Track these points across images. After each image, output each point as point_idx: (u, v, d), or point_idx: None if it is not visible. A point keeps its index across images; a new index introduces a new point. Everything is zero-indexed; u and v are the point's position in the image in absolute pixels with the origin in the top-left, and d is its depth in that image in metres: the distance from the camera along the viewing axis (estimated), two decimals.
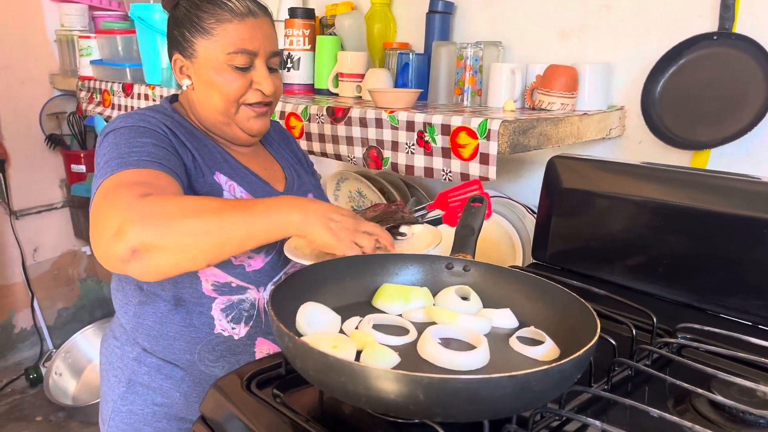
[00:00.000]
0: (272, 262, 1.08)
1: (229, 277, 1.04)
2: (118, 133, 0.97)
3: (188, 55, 1.06)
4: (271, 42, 1.07)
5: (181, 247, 0.81)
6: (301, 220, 0.86)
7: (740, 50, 1.29)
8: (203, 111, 1.08)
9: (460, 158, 1.25)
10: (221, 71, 1.03)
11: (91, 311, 3.07)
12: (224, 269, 1.04)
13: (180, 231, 0.81)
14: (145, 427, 1.06)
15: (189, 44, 1.05)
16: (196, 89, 1.07)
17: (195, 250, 0.82)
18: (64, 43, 2.56)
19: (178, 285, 1.04)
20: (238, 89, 1.04)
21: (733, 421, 0.72)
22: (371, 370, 0.59)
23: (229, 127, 1.08)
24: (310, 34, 1.78)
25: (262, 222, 0.85)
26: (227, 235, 0.83)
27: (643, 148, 1.46)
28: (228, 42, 1.02)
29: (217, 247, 0.83)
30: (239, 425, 0.75)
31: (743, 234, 0.96)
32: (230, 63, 1.03)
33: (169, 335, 1.05)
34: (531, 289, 0.86)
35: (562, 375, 0.62)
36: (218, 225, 0.82)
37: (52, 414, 2.57)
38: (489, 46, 1.57)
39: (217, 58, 1.03)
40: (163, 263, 0.82)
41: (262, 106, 1.08)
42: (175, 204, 0.84)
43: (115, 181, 0.88)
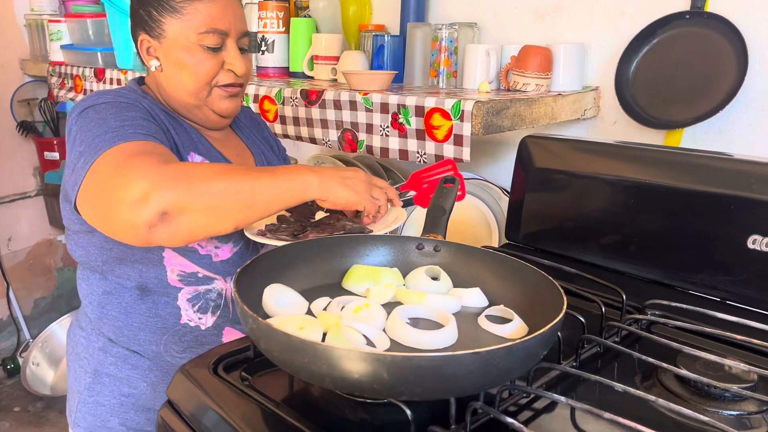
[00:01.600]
0: (240, 252, 1.06)
1: (196, 267, 1.02)
2: (99, 108, 0.93)
3: (156, 35, 1.02)
4: (242, 21, 1.04)
5: (212, 209, 0.80)
6: (320, 182, 0.87)
7: (712, 29, 1.29)
8: (173, 93, 1.05)
9: (435, 140, 1.24)
10: (192, 52, 1.00)
11: (69, 300, 3.03)
12: (191, 259, 1.01)
13: (211, 192, 0.80)
14: (112, 418, 1.05)
15: (157, 23, 1.01)
16: (165, 71, 1.03)
17: (225, 211, 0.81)
18: (34, 27, 2.50)
19: (143, 274, 1.02)
20: (210, 70, 1.02)
21: (699, 394, 0.73)
22: (334, 349, 0.58)
23: (199, 109, 1.06)
24: (284, 16, 1.76)
25: (288, 184, 0.85)
26: (256, 196, 0.82)
27: (618, 129, 1.46)
28: (199, 21, 0.99)
29: (246, 208, 0.83)
30: (207, 410, 0.75)
31: (712, 211, 0.96)
32: (201, 43, 1.00)
33: (134, 326, 1.03)
34: (500, 268, 0.86)
35: (526, 352, 0.62)
36: (249, 186, 0.82)
37: (30, 404, 2.55)
38: (464, 28, 1.55)
39: (187, 38, 1.00)
40: (193, 226, 0.81)
41: (234, 87, 1.06)
42: (202, 167, 0.84)
43: (122, 152, 0.84)
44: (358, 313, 0.75)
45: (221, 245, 1.03)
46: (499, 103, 1.20)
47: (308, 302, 0.82)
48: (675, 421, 0.69)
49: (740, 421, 0.70)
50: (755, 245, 0.92)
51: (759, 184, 0.92)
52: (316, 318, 0.77)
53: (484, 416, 0.67)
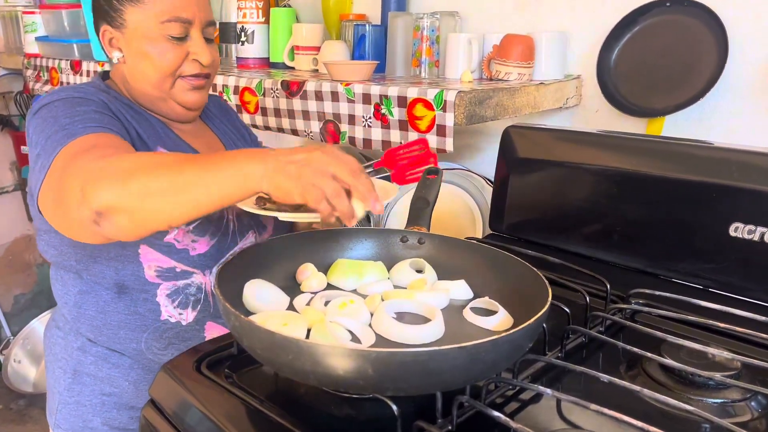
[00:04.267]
0: (218, 244, 1.03)
1: (173, 262, 1.00)
2: (52, 106, 0.91)
3: (117, 25, 0.98)
4: (206, 11, 1.01)
5: (145, 207, 0.74)
6: (264, 172, 0.70)
7: (693, 17, 1.29)
8: (136, 85, 1.01)
9: (417, 130, 1.23)
10: (154, 42, 0.97)
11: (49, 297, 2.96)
12: (167, 254, 0.99)
13: (141, 190, 0.73)
14: (95, 417, 1.03)
15: (117, 13, 0.97)
16: (128, 62, 1.00)
17: (158, 209, 0.74)
18: (8, 19, 2.44)
19: (119, 272, 0.99)
20: (173, 61, 0.98)
21: (683, 383, 0.73)
22: (318, 346, 0.58)
23: (164, 102, 1.02)
24: (264, 6, 1.73)
25: (217, 176, 0.72)
26: (184, 194, 0.73)
27: (600, 117, 1.46)
28: (160, 9, 0.95)
29: (180, 206, 0.74)
30: (190, 408, 0.74)
31: (694, 199, 0.97)
32: (164, 32, 0.96)
33: (113, 324, 1.01)
34: (485, 259, 0.86)
35: (512, 345, 0.62)
36: (172, 184, 0.73)
37: (13, 402, 2.52)
38: (446, 17, 1.54)
39: (149, 28, 0.96)
40: (129, 225, 0.75)
41: (200, 78, 1.02)
42: (131, 160, 0.77)
43: (69, 152, 0.82)
44: (343, 309, 0.75)
45: (198, 239, 1.00)
46: (481, 93, 1.19)
47: (290, 297, 0.81)
48: (660, 410, 0.69)
49: (724, 408, 0.71)
50: (737, 233, 0.92)
51: (740, 171, 0.92)
52: (300, 314, 0.76)
53: (471, 409, 0.67)
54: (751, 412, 0.70)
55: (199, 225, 1.00)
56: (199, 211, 0.75)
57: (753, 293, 0.92)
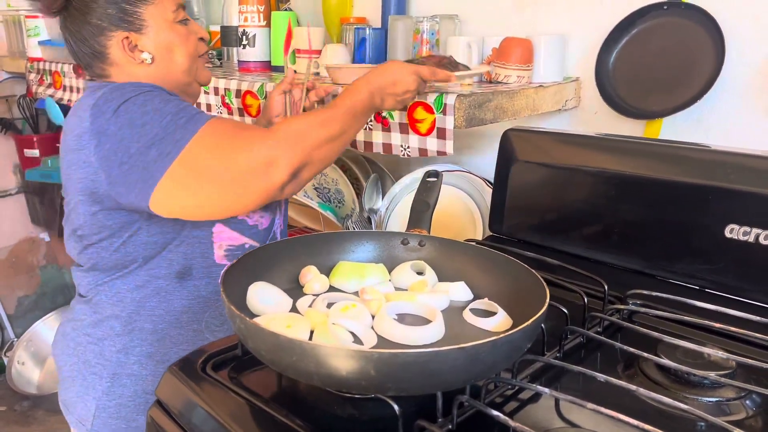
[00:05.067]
0: (272, 219, 1.11)
1: (244, 239, 1.05)
2: (137, 100, 0.91)
3: (137, 27, 1.00)
4: None
5: (322, 156, 0.94)
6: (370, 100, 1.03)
7: (690, 19, 1.30)
8: (170, 77, 1.05)
9: (418, 133, 1.24)
10: (175, 30, 1.03)
11: (53, 298, 3.01)
12: (240, 231, 1.05)
13: (319, 144, 0.93)
14: (139, 416, 1.04)
15: (135, 17, 1.00)
16: (157, 59, 1.03)
17: (330, 155, 0.96)
18: (11, 23, 2.46)
19: (188, 257, 1.02)
20: (193, 42, 1.06)
21: (679, 382, 0.75)
22: (321, 347, 0.59)
23: (190, 86, 1.08)
24: (265, 10, 1.75)
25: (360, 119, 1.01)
26: (346, 135, 0.98)
27: (599, 119, 1.48)
28: (168, 1, 1.03)
29: (341, 147, 0.99)
30: (196, 408, 0.75)
31: (691, 201, 0.98)
32: (177, 20, 1.04)
33: (176, 310, 1.04)
34: (484, 261, 0.87)
35: (511, 345, 0.64)
36: (341, 129, 0.96)
37: (17, 403, 2.53)
38: (445, 20, 1.56)
39: (167, 20, 1.02)
40: (310, 175, 0.94)
41: (206, 54, 1.11)
42: (301, 124, 0.93)
43: (214, 131, 0.90)
44: (345, 312, 0.76)
45: (264, 213, 1.08)
46: (481, 96, 1.20)
47: (293, 300, 0.82)
48: (656, 408, 0.70)
49: (719, 407, 0.72)
50: (733, 234, 0.94)
51: (735, 174, 0.94)
52: (303, 316, 0.77)
53: (471, 409, 0.68)
54: (746, 410, 0.72)
55: None
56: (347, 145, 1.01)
57: (748, 294, 0.94)
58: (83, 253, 1.03)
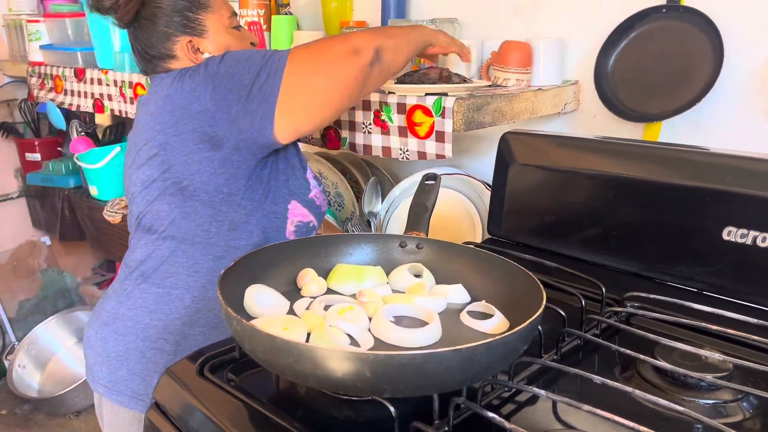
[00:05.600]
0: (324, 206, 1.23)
1: (311, 216, 1.17)
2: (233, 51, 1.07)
3: (199, 32, 1.13)
4: None
5: (398, 48, 1.10)
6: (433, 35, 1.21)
7: (689, 22, 1.30)
8: None
9: (417, 136, 1.25)
10: (232, 34, 1.16)
11: (54, 302, 3.01)
12: (310, 209, 1.17)
13: (397, 39, 1.11)
14: None
15: (197, 23, 1.13)
16: None
17: (403, 50, 1.13)
18: (13, 27, 2.47)
19: (266, 230, 1.12)
20: (247, 46, 1.19)
21: (676, 384, 0.75)
22: (317, 349, 0.59)
23: None
24: (265, 14, 1.75)
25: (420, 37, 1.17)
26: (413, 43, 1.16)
27: (598, 122, 1.48)
28: (223, 8, 1.15)
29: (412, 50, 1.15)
30: (194, 410, 0.75)
31: (689, 203, 0.98)
32: (232, 25, 1.16)
33: None
34: (482, 264, 0.87)
35: (506, 347, 0.64)
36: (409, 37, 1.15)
37: (17, 407, 2.54)
38: (444, 23, 1.56)
39: (225, 25, 1.15)
40: (391, 60, 1.09)
41: None
42: (384, 30, 1.15)
43: (303, 47, 1.06)
44: (342, 314, 0.76)
45: (325, 198, 1.22)
46: (480, 100, 1.21)
47: (290, 302, 0.82)
48: (653, 410, 0.70)
49: (716, 409, 0.72)
50: (730, 236, 0.94)
51: (732, 176, 0.94)
52: (300, 318, 0.78)
53: (467, 411, 0.68)
54: (743, 412, 0.72)
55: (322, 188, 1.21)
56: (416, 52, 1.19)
57: (745, 296, 0.94)
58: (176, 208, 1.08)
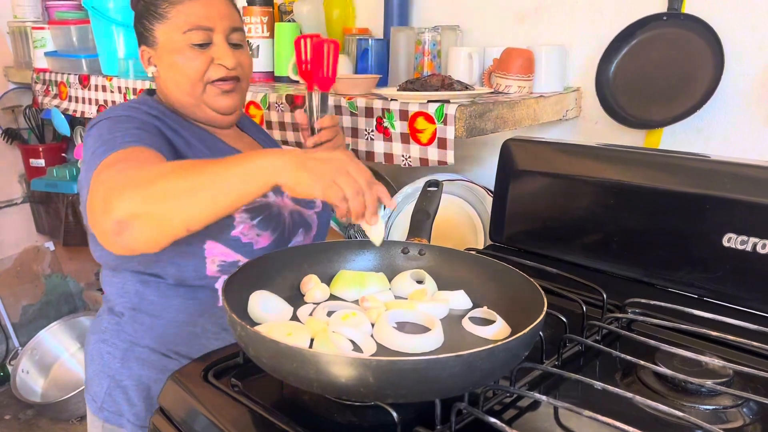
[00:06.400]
0: (277, 240, 1.07)
1: (237, 256, 1.03)
2: (101, 124, 0.98)
3: (151, 43, 1.09)
4: (229, 19, 1.08)
5: (163, 211, 0.77)
6: (279, 164, 0.75)
7: (689, 30, 1.31)
8: (173, 96, 1.09)
9: (419, 143, 1.26)
10: (181, 52, 1.05)
11: (57, 307, 3.02)
12: (233, 248, 1.02)
13: (159, 194, 0.77)
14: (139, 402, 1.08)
15: (149, 33, 1.08)
16: (162, 75, 1.09)
17: (177, 211, 0.77)
18: (17, 34, 2.49)
19: (181, 268, 1.03)
20: (199, 67, 1.05)
21: (676, 390, 0.75)
22: (321, 355, 0.60)
23: (199, 108, 1.09)
24: (268, 21, 1.77)
25: (236, 171, 0.77)
26: (203, 192, 0.77)
27: (599, 129, 1.49)
28: (182, 21, 1.04)
29: (198, 206, 0.77)
30: (198, 416, 0.76)
31: (689, 210, 0.99)
32: (188, 42, 1.04)
33: (173, 308, 1.06)
34: (484, 270, 0.88)
35: (508, 353, 0.64)
36: (191, 183, 0.77)
37: (21, 412, 2.54)
38: (447, 31, 1.57)
39: (175, 40, 1.05)
40: (148, 231, 0.78)
41: (227, 81, 1.08)
42: (151, 169, 0.82)
43: (103, 165, 0.87)
44: (345, 320, 0.77)
45: (262, 233, 1.05)
46: (481, 107, 1.21)
47: (293, 308, 0.83)
48: (654, 416, 0.71)
49: (716, 415, 0.72)
50: (730, 243, 0.94)
51: (733, 183, 0.94)
52: (304, 324, 0.78)
53: (469, 416, 0.69)
54: (743, 418, 0.72)
55: (263, 219, 1.05)
56: (218, 210, 0.78)
57: (746, 302, 0.94)
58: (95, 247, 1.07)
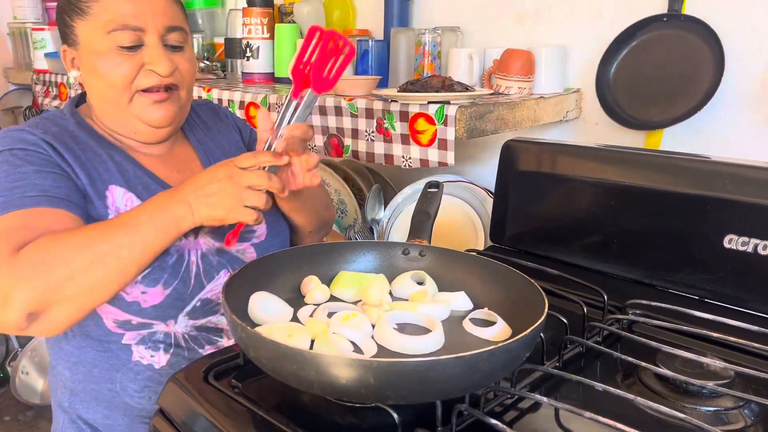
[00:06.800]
0: (176, 292, 0.93)
1: (128, 315, 0.91)
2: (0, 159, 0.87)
3: (71, 42, 0.92)
4: (165, 16, 0.91)
5: (78, 292, 0.75)
6: (185, 211, 0.79)
7: (689, 31, 1.31)
8: (95, 104, 0.95)
9: (419, 144, 1.26)
10: (105, 55, 0.89)
11: None
12: (119, 307, 0.91)
13: (70, 276, 0.74)
14: None
15: (70, 30, 0.91)
16: (85, 80, 0.94)
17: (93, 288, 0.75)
18: (18, 35, 2.49)
19: (81, 324, 0.92)
20: (126, 73, 0.89)
21: (677, 392, 0.75)
22: (321, 356, 0.60)
23: (126, 120, 0.94)
24: (268, 22, 1.77)
25: (145, 231, 0.77)
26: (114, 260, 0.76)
27: (600, 130, 1.49)
28: (107, 19, 0.88)
29: (116, 273, 0.77)
30: (198, 417, 0.76)
31: (690, 211, 0.99)
32: (113, 43, 0.88)
33: (88, 361, 0.95)
34: (484, 271, 0.88)
35: (508, 355, 0.64)
36: (97, 256, 0.75)
37: (21, 413, 2.54)
38: (447, 32, 1.57)
39: (98, 40, 0.89)
40: (64, 315, 0.76)
41: (161, 91, 0.92)
42: (53, 249, 0.75)
43: None
44: (346, 321, 0.77)
45: (148, 289, 0.91)
46: (482, 108, 1.21)
47: (294, 309, 0.83)
48: (655, 418, 0.71)
49: (718, 416, 0.72)
50: (731, 244, 0.94)
51: (734, 184, 0.94)
52: (304, 325, 0.78)
53: (470, 418, 0.69)
54: (745, 419, 0.72)
55: (149, 275, 0.90)
56: (138, 268, 0.79)
57: (747, 303, 0.94)
58: None
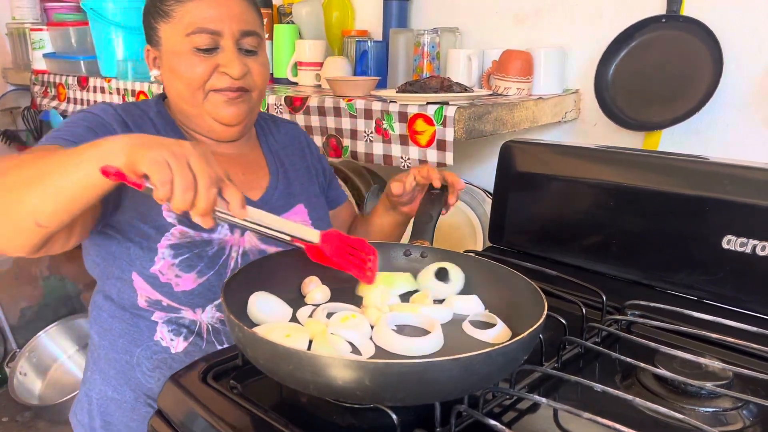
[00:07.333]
0: (208, 284, 0.97)
1: (158, 295, 0.96)
2: (73, 116, 0.96)
3: (155, 43, 1.01)
4: (242, 21, 0.98)
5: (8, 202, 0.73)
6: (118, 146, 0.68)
7: (688, 32, 1.31)
8: (173, 102, 1.03)
9: (418, 145, 1.26)
10: (183, 56, 0.97)
11: (56, 309, 3.01)
12: (153, 286, 0.96)
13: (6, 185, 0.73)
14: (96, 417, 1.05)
15: (154, 32, 1.00)
16: (164, 79, 1.02)
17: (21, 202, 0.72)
18: (16, 36, 2.49)
19: (120, 294, 0.99)
20: (201, 74, 0.96)
21: (676, 392, 0.75)
22: (317, 357, 0.60)
23: (200, 117, 1.01)
24: (267, 22, 1.77)
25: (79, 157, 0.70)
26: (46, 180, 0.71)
27: (598, 131, 1.49)
28: (187, 22, 0.95)
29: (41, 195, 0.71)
30: (197, 418, 0.75)
31: (689, 212, 0.99)
32: (191, 45, 0.96)
33: (116, 331, 1.01)
34: (484, 273, 0.88)
35: (506, 357, 0.64)
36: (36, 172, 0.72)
37: (19, 414, 2.53)
38: (446, 33, 1.57)
39: (178, 42, 0.97)
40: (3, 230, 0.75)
41: (233, 91, 0.99)
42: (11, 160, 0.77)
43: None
44: (345, 322, 0.77)
45: (182, 274, 0.95)
46: (481, 108, 1.21)
47: (293, 309, 0.83)
48: (653, 418, 0.71)
49: (716, 417, 0.72)
50: (729, 245, 0.94)
51: (732, 185, 0.94)
52: (303, 325, 0.78)
53: (469, 419, 0.69)
54: (743, 420, 0.72)
55: (186, 260, 0.95)
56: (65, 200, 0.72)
57: (745, 304, 0.94)
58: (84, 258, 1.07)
